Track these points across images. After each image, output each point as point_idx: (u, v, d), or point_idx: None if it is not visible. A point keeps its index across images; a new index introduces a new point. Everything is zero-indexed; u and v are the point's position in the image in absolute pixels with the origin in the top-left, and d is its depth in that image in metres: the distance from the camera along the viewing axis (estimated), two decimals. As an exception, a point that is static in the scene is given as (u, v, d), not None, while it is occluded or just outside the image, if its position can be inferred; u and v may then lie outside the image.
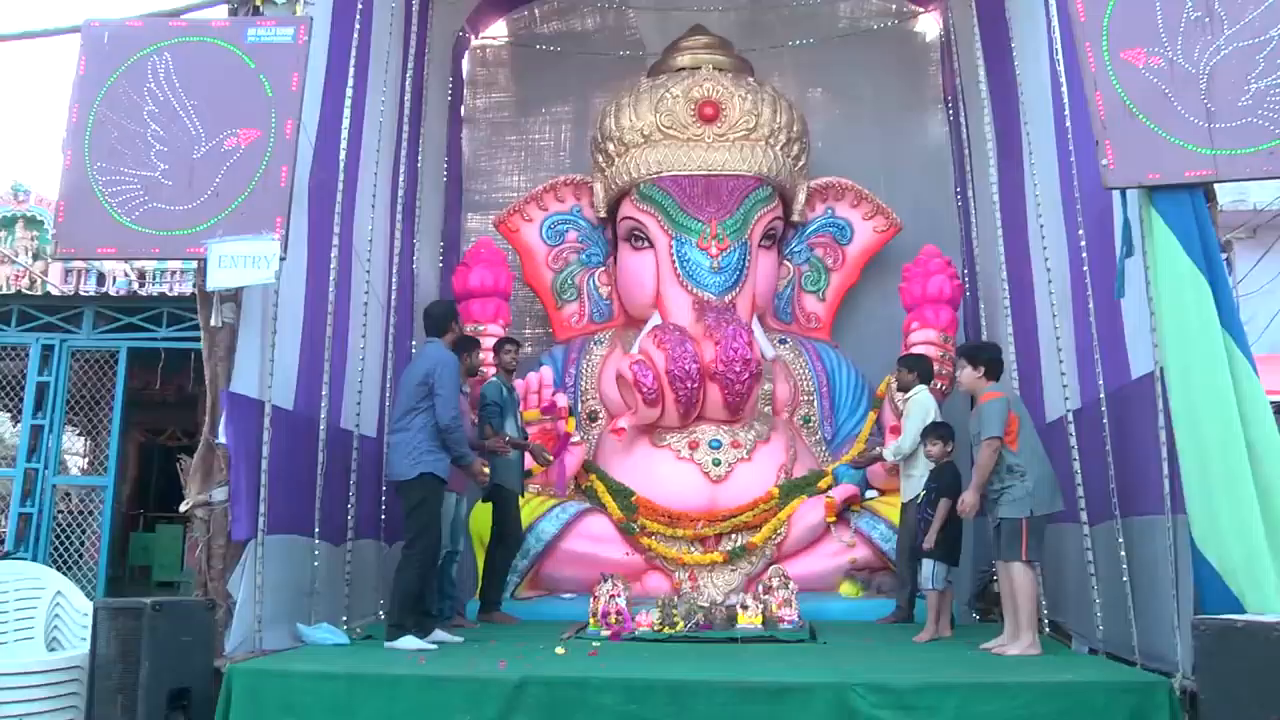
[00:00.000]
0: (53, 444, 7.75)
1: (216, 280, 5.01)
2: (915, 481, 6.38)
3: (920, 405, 6.51)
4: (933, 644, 5.79)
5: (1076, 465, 5.59)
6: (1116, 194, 4.77)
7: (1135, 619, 4.81)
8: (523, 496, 6.97)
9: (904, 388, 6.78)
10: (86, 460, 8.47)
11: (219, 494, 5.09)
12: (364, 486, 6.59)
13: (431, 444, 5.52)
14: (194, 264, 5.31)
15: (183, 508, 5.17)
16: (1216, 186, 4.67)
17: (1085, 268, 5.42)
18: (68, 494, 8.18)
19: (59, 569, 7.12)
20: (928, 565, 6.01)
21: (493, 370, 7.12)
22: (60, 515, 7.89)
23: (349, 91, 6.27)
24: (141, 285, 8.06)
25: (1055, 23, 5.63)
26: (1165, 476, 4.48)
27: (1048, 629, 6.05)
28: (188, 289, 7.71)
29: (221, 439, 5.09)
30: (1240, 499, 4.16)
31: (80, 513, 7.96)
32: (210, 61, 5.29)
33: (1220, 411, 4.24)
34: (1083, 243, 5.45)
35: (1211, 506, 4.23)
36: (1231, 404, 4.25)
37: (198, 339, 5.29)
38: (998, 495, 5.32)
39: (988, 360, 5.60)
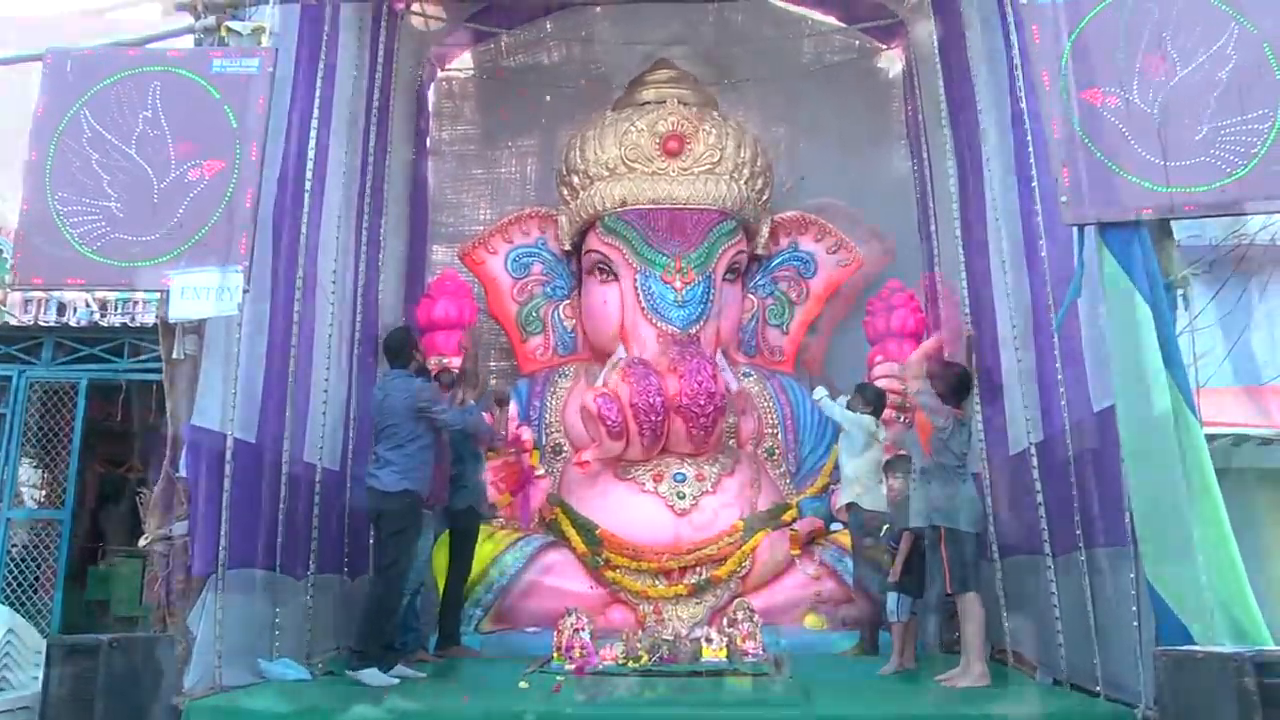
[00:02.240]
0: (8, 477, 7.59)
1: (179, 311, 4.96)
2: (849, 486, 6.60)
3: (849, 419, 6.70)
4: (897, 676, 5.79)
5: (1040, 498, 5.61)
6: (1075, 230, 4.80)
7: (1099, 650, 4.82)
8: (488, 525, 6.88)
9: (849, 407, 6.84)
10: (43, 493, 8.27)
11: (179, 528, 5.01)
12: (326, 520, 6.49)
13: (423, 466, 5.64)
14: (157, 294, 5.23)
15: (142, 542, 5.08)
16: (1173, 223, 4.73)
17: (1050, 301, 5.44)
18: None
19: (13, 605, 6.96)
20: (892, 598, 6.04)
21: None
22: (15, 549, 7.71)
23: (314, 121, 6.26)
24: (103, 315, 7.90)
25: (1016, 62, 5.68)
26: (1127, 509, 4.51)
27: (1011, 660, 6.07)
28: (150, 319, 7.57)
29: (183, 472, 5.03)
30: (1183, 534, 4.20)
31: (36, 546, 7.78)
32: (175, 92, 5.23)
33: (1163, 446, 4.31)
34: (1046, 276, 5.49)
35: (1159, 541, 4.28)
36: (1173, 439, 4.30)
37: (160, 370, 5.23)
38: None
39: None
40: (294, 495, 6.06)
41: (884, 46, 9.75)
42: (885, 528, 6.30)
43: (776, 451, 8.41)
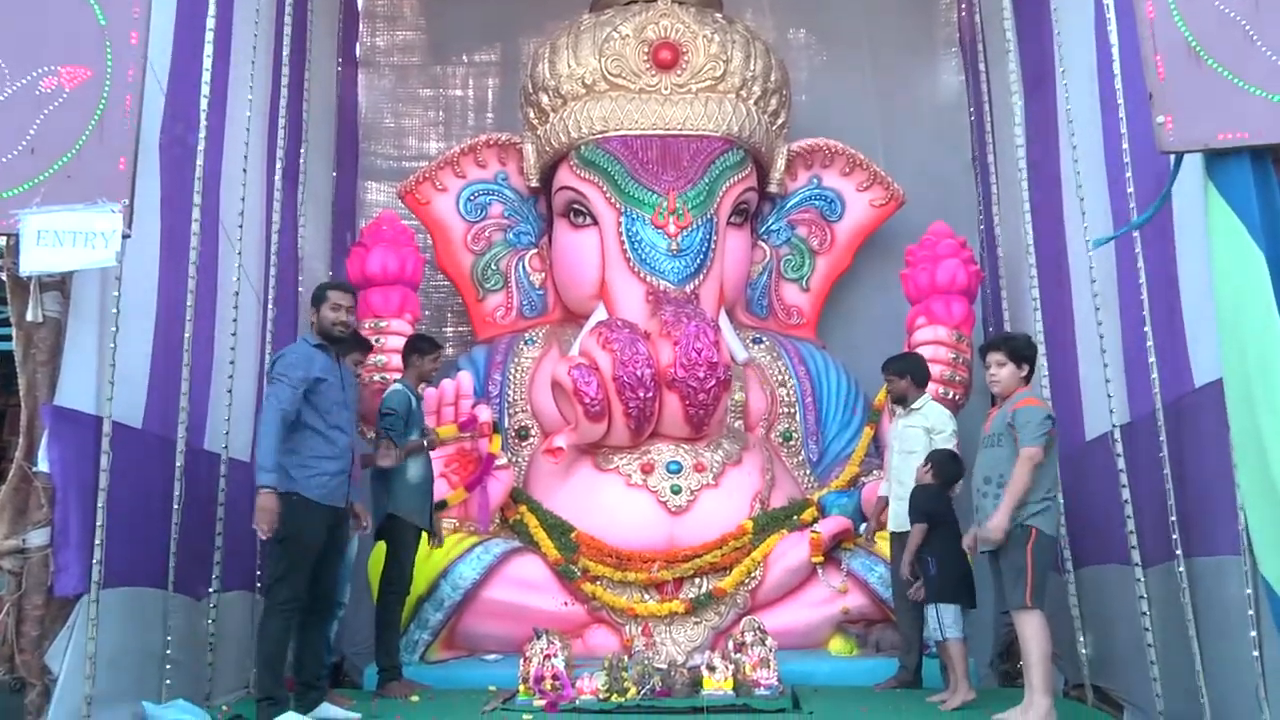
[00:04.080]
0: None
1: (35, 262, 4.74)
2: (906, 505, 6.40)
3: (941, 416, 6.45)
4: (956, 713, 5.72)
5: (1125, 493, 5.61)
6: (1172, 159, 4.70)
7: (1206, 686, 4.80)
8: (431, 533, 6.80)
9: (899, 400, 6.69)
10: None
11: (37, 537, 4.82)
12: (234, 523, 6.38)
13: (312, 460, 5.42)
14: (2, 239, 4.96)
15: (-18, 558, 4.96)
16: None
17: (1138, 250, 5.40)
18: None
19: None
20: (949, 611, 5.96)
21: (396, 377, 6.98)
22: None
23: (210, 22, 6.12)
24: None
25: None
26: (1241, 507, 4.44)
27: (1092, 697, 6.06)
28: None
29: (42, 466, 4.86)
30: None
31: None
32: None
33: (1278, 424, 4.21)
34: (1133, 219, 5.38)
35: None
36: None
37: (7, 337, 5.03)
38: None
39: (1031, 358, 5.58)
40: (192, 493, 5.95)
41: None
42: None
43: (794, 436, 8.37)
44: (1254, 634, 4.38)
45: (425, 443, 6.53)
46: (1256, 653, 4.36)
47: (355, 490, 5.82)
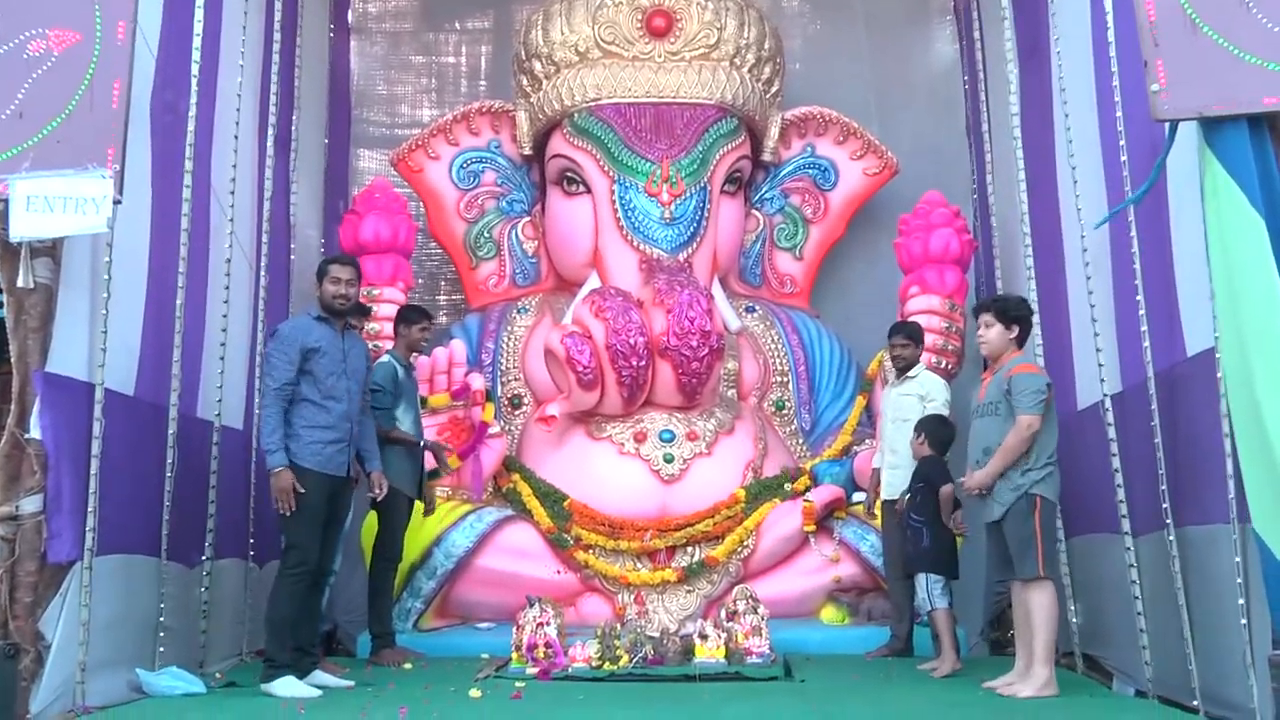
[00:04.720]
0: None
1: (25, 228, 4.72)
2: (901, 474, 6.38)
3: (936, 385, 6.49)
4: (947, 681, 5.75)
5: (1116, 463, 5.60)
6: (1166, 127, 4.72)
7: (1195, 653, 4.79)
8: (422, 501, 6.84)
9: (904, 367, 6.68)
10: None
11: (30, 504, 4.81)
12: (226, 491, 6.41)
13: (307, 430, 5.45)
14: None
15: (-25, 525, 4.92)
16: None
17: (1131, 219, 5.35)
18: None
19: None
20: (921, 581, 6.05)
21: (388, 346, 7.00)
22: None
23: None
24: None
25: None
26: (1230, 476, 4.46)
27: (1081, 665, 6.08)
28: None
29: (34, 433, 4.84)
30: None
31: None
32: None
33: (1277, 392, 4.20)
34: (1127, 188, 5.39)
35: (1275, 512, 4.18)
36: None
37: None
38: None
39: (1022, 319, 5.49)
40: (184, 461, 5.96)
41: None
42: (903, 496, 6.32)
43: (786, 405, 8.36)
44: (1242, 602, 4.37)
45: (419, 443, 6.60)
46: (1244, 621, 4.35)
47: (373, 460, 5.86)
